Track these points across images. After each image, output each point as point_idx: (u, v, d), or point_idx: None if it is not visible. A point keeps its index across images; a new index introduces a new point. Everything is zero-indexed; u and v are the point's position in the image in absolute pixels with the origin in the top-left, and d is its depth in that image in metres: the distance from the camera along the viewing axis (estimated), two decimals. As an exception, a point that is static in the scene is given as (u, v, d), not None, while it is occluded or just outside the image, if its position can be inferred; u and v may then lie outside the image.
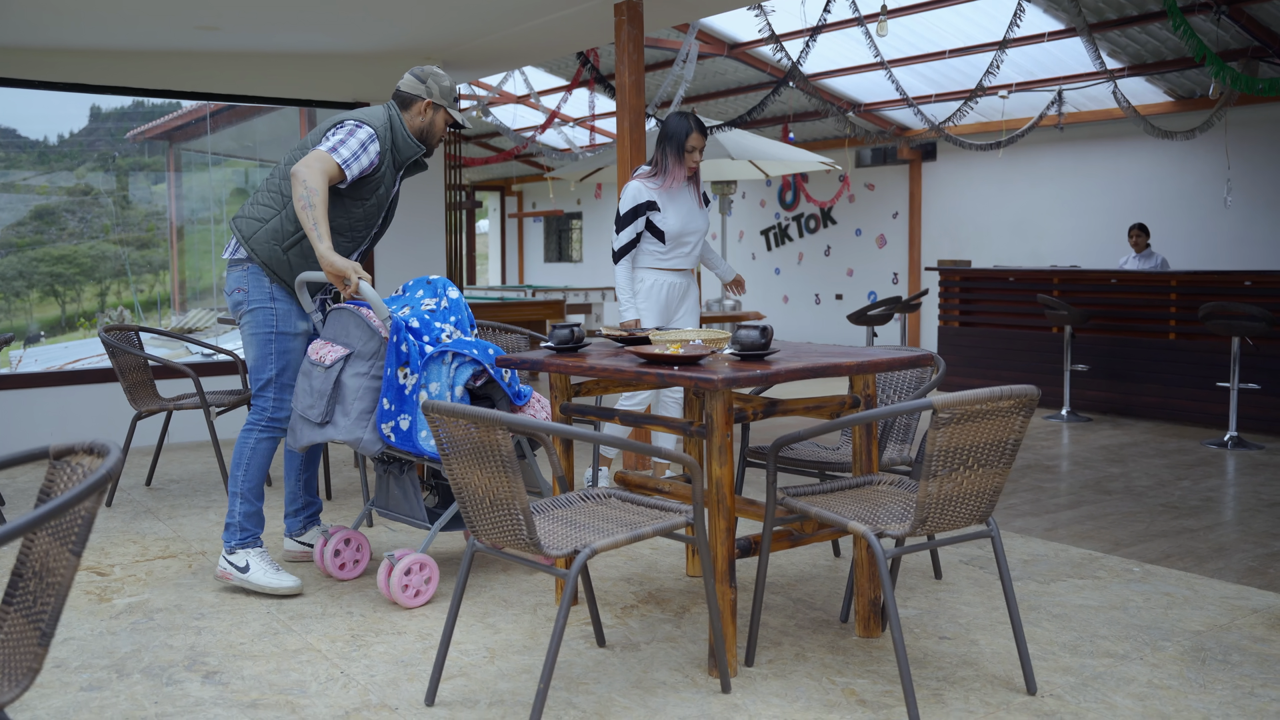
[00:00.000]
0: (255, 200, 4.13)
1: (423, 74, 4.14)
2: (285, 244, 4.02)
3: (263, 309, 4.06)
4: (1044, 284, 9.03)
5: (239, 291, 4.08)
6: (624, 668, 3.23)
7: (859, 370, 3.27)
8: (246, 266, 4.06)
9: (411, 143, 4.11)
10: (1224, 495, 5.66)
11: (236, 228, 4.09)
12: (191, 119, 9.13)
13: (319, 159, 3.83)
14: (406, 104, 4.13)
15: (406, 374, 3.78)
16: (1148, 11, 9.16)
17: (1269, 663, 3.26)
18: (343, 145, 3.90)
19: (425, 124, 4.15)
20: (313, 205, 3.78)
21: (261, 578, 3.94)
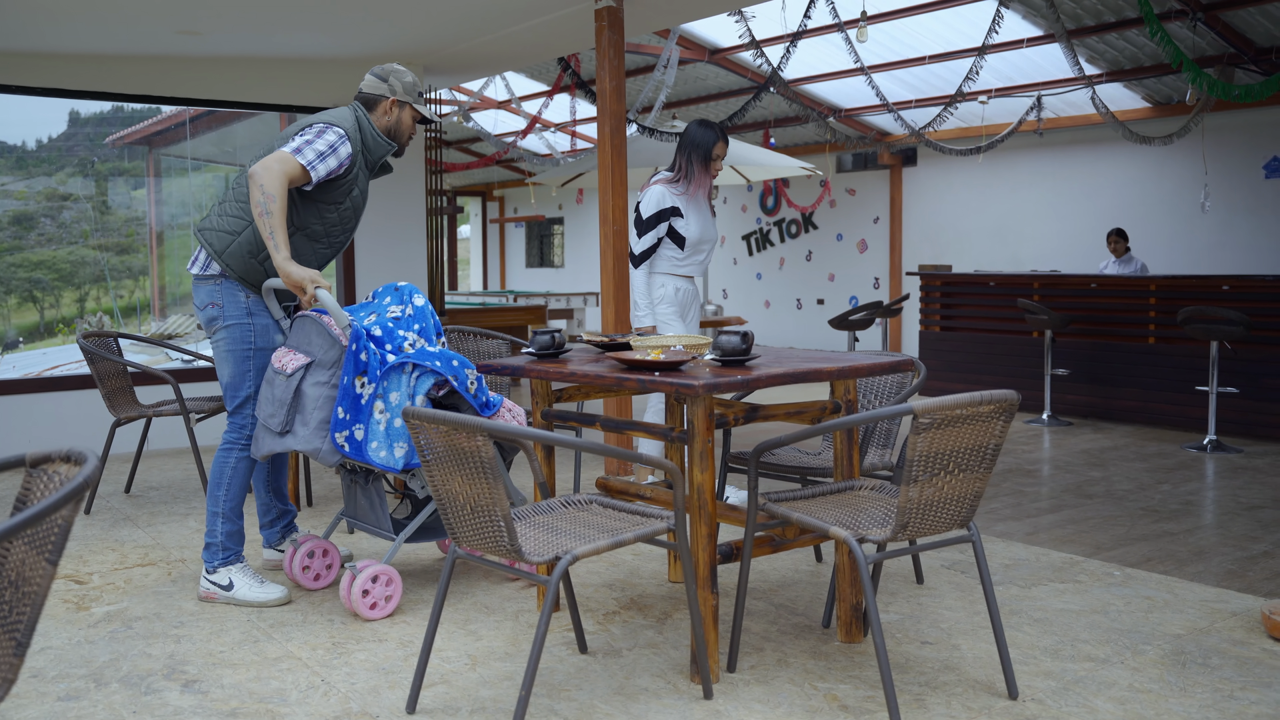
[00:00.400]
0: (223, 211, 4.01)
1: (383, 72, 4.08)
2: (260, 256, 3.94)
3: (239, 325, 3.97)
4: (1024, 289, 9.07)
5: (212, 307, 3.98)
6: (606, 674, 3.22)
7: (840, 375, 3.27)
8: (219, 281, 3.96)
9: (382, 141, 4.05)
10: (1203, 499, 5.70)
11: (206, 240, 3.97)
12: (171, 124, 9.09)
13: (279, 160, 3.74)
14: (371, 104, 4.07)
15: (364, 383, 3.71)
16: (1125, 18, 9.22)
17: (1248, 665, 3.28)
18: (308, 146, 3.82)
19: (392, 122, 4.09)
20: (269, 213, 3.70)
21: (248, 593, 3.90)
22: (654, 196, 4.98)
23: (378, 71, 4.09)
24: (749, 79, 11.90)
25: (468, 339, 5.66)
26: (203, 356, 6.07)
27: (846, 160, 14.14)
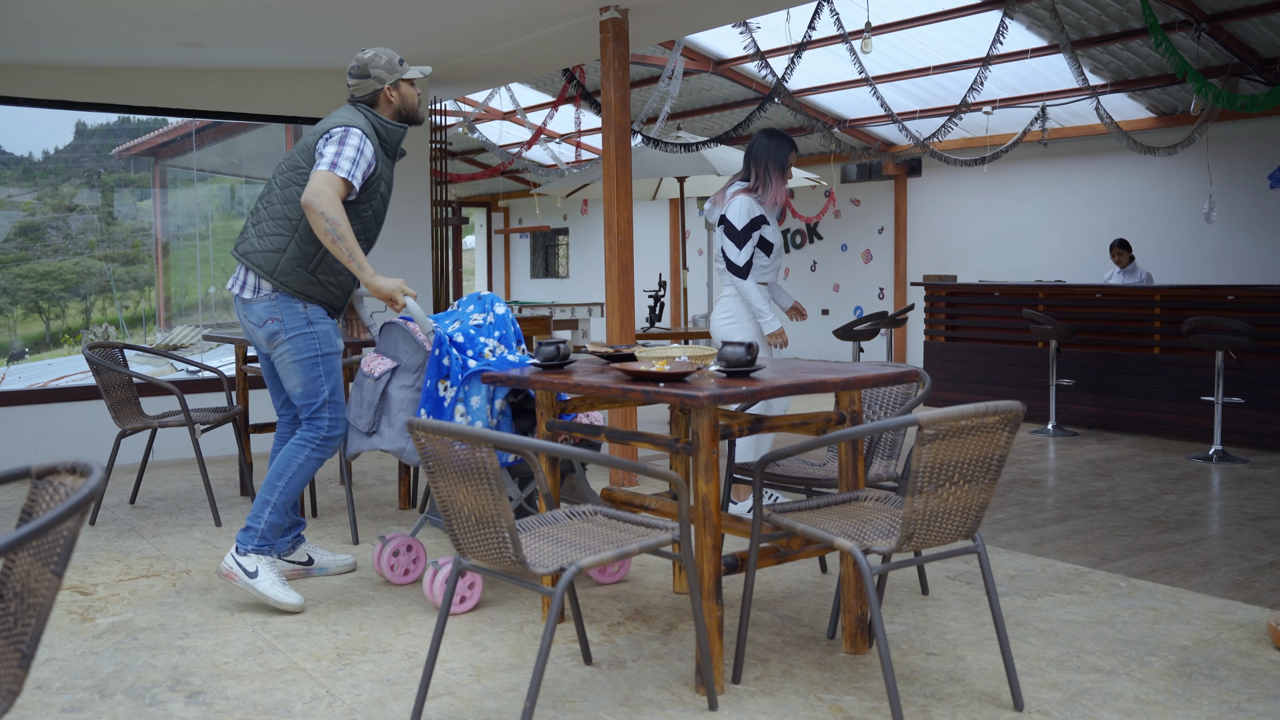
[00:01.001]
0: (260, 231, 4.03)
1: (360, 68, 4.06)
2: (311, 266, 3.99)
3: (302, 335, 4.01)
4: (1029, 299, 9.07)
5: (272, 322, 4.01)
6: (611, 685, 3.22)
7: (845, 387, 3.27)
8: (273, 296, 4.00)
9: (395, 127, 4.08)
10: (1209, 509, 5.68)
11: (252, 263, 4.00)
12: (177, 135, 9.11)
13: (327, 182, 3.78)
14: (372, 102, 4.09)
15: (446, 386, 3.87)
16: (1129, 28, 9.23)
17: (1254, 677, 3.27)
18: (340, 157, 3.84)
19: (399, 105, 4.11)
20: (341, 237, 3.77)
21: (268, 588, 3.93)
22: (743, 206, 4.92)
23: (355, 72, 4.07)
24: (754, 90, 11.92)
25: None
26: (208, 368, 6.09)
27: (851, 171, 14.15)
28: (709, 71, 11.40)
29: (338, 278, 4.07)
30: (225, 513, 5.57)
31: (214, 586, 4.27)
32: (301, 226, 3.97)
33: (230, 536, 5.08)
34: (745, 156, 5.10)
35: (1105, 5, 8.94)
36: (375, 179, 4.02)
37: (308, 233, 3.96)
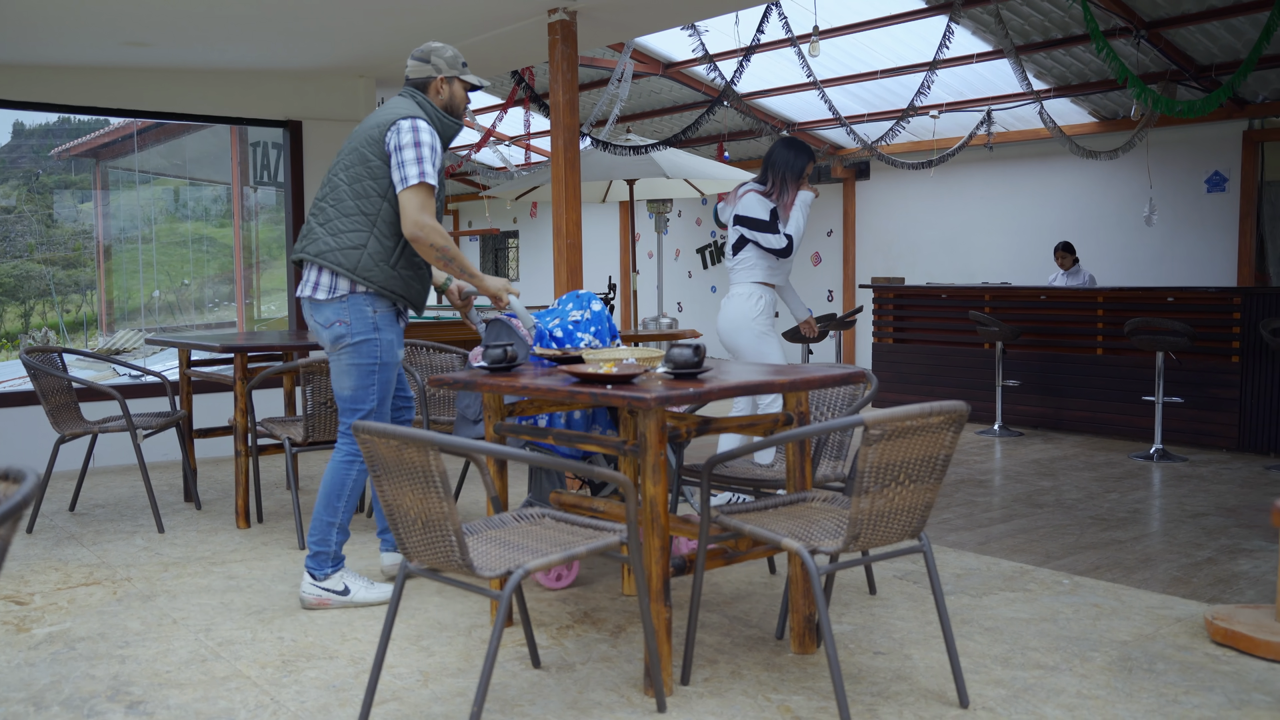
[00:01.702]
0: (332, 229, 3.98)
1: (423, 54, 4.09)
2: (392, 261, 3.98)
3: (368, 341, 3.99)
4: (976, 301, 9.17)
5: (340, 324, 3.98)
6: (559, 689, 3.21)
7: (791, 388, 3.29)
8: (346, 299, 3.97)
9: (448, 120, 4.10)
10: (1150, 507, 5.78)
11: (330, 262, 3.94)
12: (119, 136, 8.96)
13: (419, 204, 3.84)
14: (423, 87, 4.09)
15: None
16: (1072, 34, 9.38)
17: (1192, 670, 3.33)
18: (421, 160, 3.87)
19: (446, 99, 4.11)
20: (451, 258, 3.90)
21: (365, 594, 4.02)
22: (758, 201, 4.91)
23: (418, 54, 4.09)
24: (703, 93, 11.96)
25: (420, 353, 5.63)
26: (151, 372, 5.99)
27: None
28: (658, 74, 11.42)
29: (417, 271, 4.08)
30: (168, 519, 5.49)
31: (156, 594, 4.21)
32: (380, 220, 3.95)
33: (173, 542, 5.00)
34: (764, 163, 5.09)
35: (1048, 11, 9.08)
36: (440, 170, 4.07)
37: (386, 227, 3.96)
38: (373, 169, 3.96)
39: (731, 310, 5.06)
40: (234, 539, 5.09)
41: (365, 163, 3.97)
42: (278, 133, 8.15)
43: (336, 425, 5.03)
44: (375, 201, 3.95)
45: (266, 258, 8.93)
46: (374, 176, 3.95)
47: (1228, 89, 7.97)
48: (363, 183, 3.97)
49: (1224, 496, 6.01)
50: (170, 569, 4.57)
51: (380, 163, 3.95)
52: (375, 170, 3.95)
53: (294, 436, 5.04)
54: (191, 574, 4.49)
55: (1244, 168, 10.38)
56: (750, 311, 5.05)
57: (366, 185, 3.97)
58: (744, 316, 5.03)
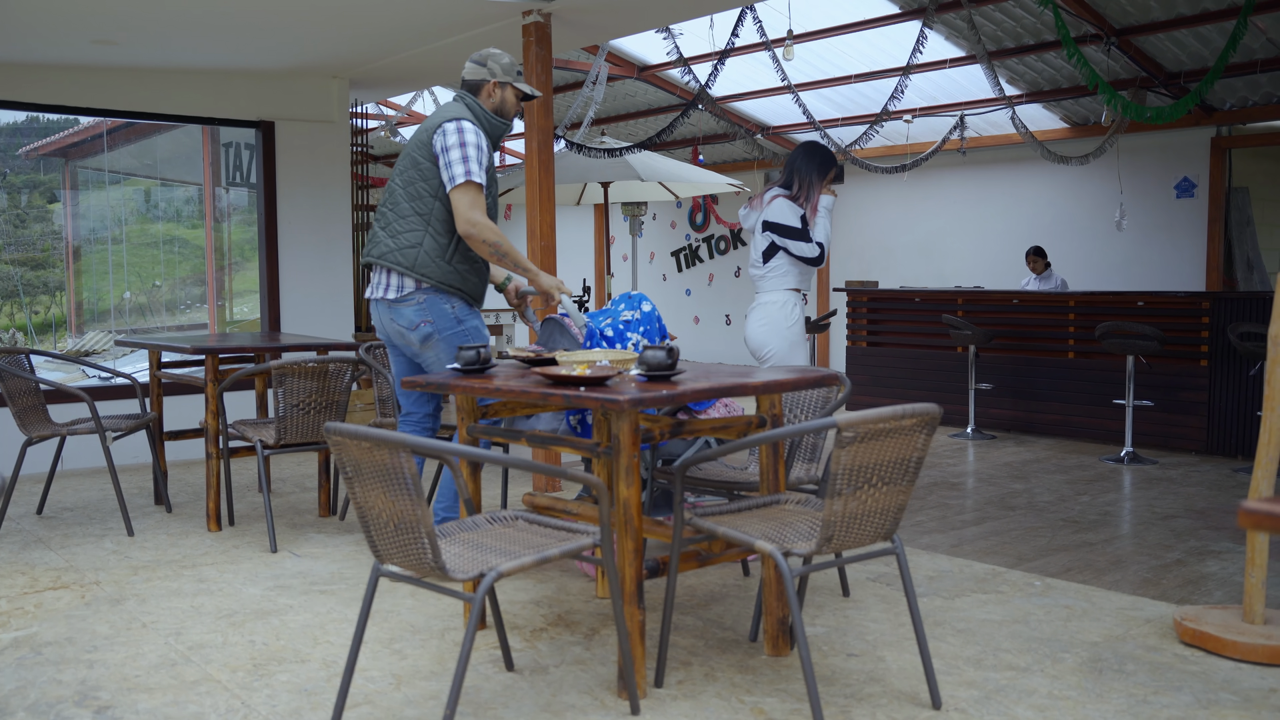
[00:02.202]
0: (392, 232, 4.23)
1: (481, 57, 4.31)
2: (447, 256, 4.21)
3: (454, 334, 4.25)
4: (949, 304, 9.22)
5: (425, 324, 4.24)
6: (533, 691, 3.20)
7: (765, 390, 3.29)
8: (421, 299, 4.22)
9: (496, 121, 4.32)
10: (1121, 509, 5.83)
11: (392, 263, 4.20)
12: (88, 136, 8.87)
13: (469, 202, 4.07)
14: (475, 89, 4.32)
15: None
16: (1043, 40, 9.44)
17: (1161, 670, 3.36)
18: (467, 160, 4.08)
19: (497, 103, 4.34)
20: (505, 253, 4.14)
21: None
22: (787, 207, 4.83)
23: (476, 58, 4.32)
24: (677, 96, 11.97)
25: (394, 355, 5.60)
26: (121, 374, 5.93)
27: (775, 177, 14.26)
28: (633, 77, 11.42)
29: (473, 265, 4.29)
30: (138, 522, 5.44)
31: (125, 597, 4.16)
32: (433, 219, 4.20)
33: (143, 545, 4.95)
34: (787, 167, 5.01)
35: (1020, 18, 9.14)
36: (490, 168, 4.26)
37: (440, 225, 4.20)
38: (423, 171, 4.20)
39: (764, 319, 4.92)
40: (205, 542, 5.04)
41: (416, 166, 4.21)
42: (250, 133, 8.09)
43: (308, 427, 5.01)
44: (428, 201, 4.20)
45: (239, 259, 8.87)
46: (425, 178, 4.20)
47: (1196, 96, 8.05)
48: (415, 185, 4.22)
49: (1193, 499, 6.07)
50: (140, 572, 4.52)
51: (429, 164, 4.18)
52: (425, 172, 4.19)
53: (266, 439, 5.01)
54: (161, 577, 4.45)
55: (1212, 174, 10.49)
56: (785, 320, 4.93)
57: (419, 187, 4.21)
58: (778, 325, 4.91)
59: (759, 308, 4.94)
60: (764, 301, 4.92)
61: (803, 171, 4.95)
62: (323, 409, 5.03)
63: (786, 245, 4.78)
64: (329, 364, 4.97)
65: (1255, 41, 8.75)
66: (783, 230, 4.76)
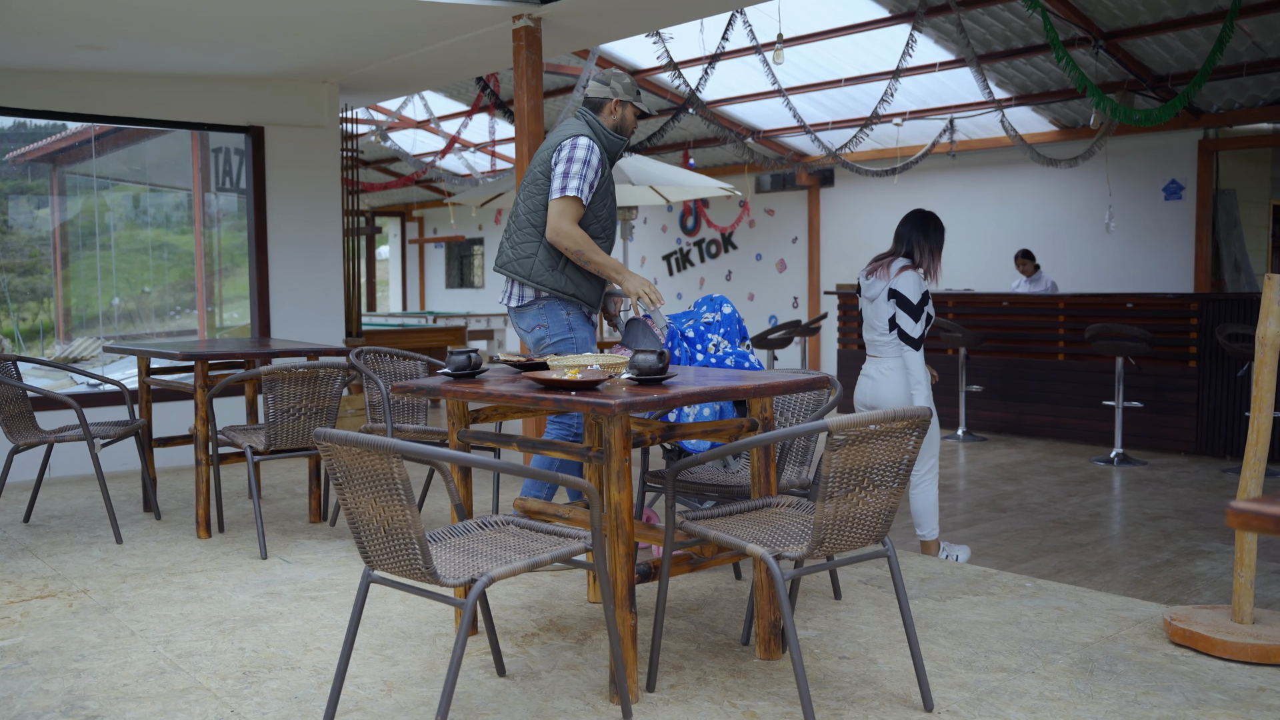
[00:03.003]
0: (513, 243, 4.52)
1: (604, 77, 4.56)
2: (560, 265, 4.45)
3: (565, 340, 4.49)
4: (939, 307, 9.24)
5: (540, 329, 4.50)
6: (524, 697, 3.19)
7: (756, 393, 3.29)
8: (541, 305, 4.49)
9: (615, 138, 4.53)
10: (1111, 510, 5.84)
11: (514, 271, 4.49)
12: (76, 141, 8.84)
13: (561, 216, 4.31)
14: (598, 107, 4.54)
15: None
16: (1032, 44, 9.48)
17: (1151, 671, 3.36)
18: (570, 176, 4.31)
19: (618, 120, 4.55)
20: (588, 260, 4.36)
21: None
22: (915, 281, 4.83)
23: (599, 77, 4.57)
24: (668, 100, 11.98)
25: (384, 360, 5.59)
26: (109, 380, 5.91)
27: (765, 181, 14.30)
28: (623, 82, 11.42)
29: (583, 274, 4.50)
30: (127, 529, 5.41)
31: (114, 606, 4.14)
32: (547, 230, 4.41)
33: (132, 553, 4.93)
34: (900, 235, 4.98)
35: (1009, 21, 9.17)
36: (604, 182, 4.48)
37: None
38: (540, 185, 4.46)
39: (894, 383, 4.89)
40: (194, 549, 5.02)
41: (535, 181, 4.47)
42: (240, 138, 8.08)
43: (299, 433, 4.99)
44: (542, 214, 4.45)
45: (229, 265, 8.84)
46: (541, 192, 4.46)
47: (1183, 98, 8.08)
48: (533, 199, 4.47)
49: (1182, 499, 6.09)
50: (128, 580, 4.50)
51: (546, 179, 4.44)
52: (542, 186, 4.46)
53: (256, 445, 4.99)
54: (150, 585, 4.43)
55: (1200, 176, 10.53)
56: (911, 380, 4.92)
57: (536, 200, 4.46)
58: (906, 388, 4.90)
59: (886, 374, 4.89)
60: (889, 368, 4.89)
61: (922, 243, 4.94)
62: (313, 415, 5.01)
63: (901, 320, 4.80)
64: (319, 369, 4.96)
65: (1241, 44, 8.79)
66: (900, 300, 4.80)
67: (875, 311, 4.88)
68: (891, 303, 4.81)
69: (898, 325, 4.78)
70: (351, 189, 9.11)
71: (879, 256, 4.96)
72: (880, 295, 4.84)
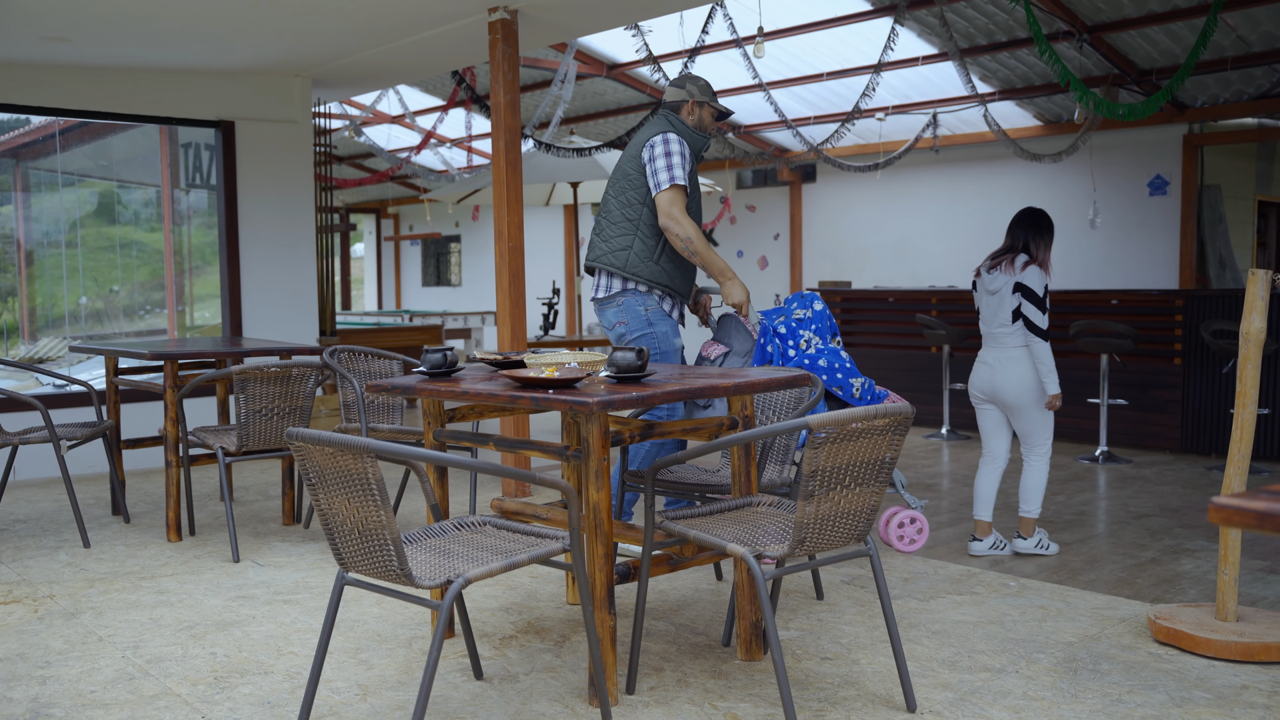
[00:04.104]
0: (605, 236, 4.70)
1: (680, 80, 4.81)
2: (655, 257, 4.63)
3: (645, 335, 4.64)
4: (922, 304, 9.20)
5: (620, 325, 4.68)
6: (502, 700, 3.12)
7: (736, 391, 3.23)
8: (620, 301, 4.65)
9: (697, 136, 4.73)
10: (1096, 509, 5.81)
11: (608, 263, 4.66)
12: (40, 136, 8.69)
13: (671, 203, 4.50)
14: (676, 109, 4.78)
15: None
16: (1016, 38, 9.44)
17: (1135, 669, 3.32)
18: (666, 168, 4.51)
19: (697, 120, 4.78)
20: (696, 252, 4.54)
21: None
22: (1039, 276, 5.05)
23: (675, 81, 4.82)
24: (648, 94, 11.91)
25: (359, 359, 5.51)
26: (76, 381, 5.79)
27: (746, 177, 14.24)
28: (602, 75, 11.35)
29: (678, 265, 4.69)
30: (95, 533, 5.31)
31: (81, 611, 4.05)
32: (642, 224, 4.63)
33: (100, 557, 4.83)
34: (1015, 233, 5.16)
35: (993, 14, 9.13)
36: (691, 177, 4.64)
37: (648, 228, 4.63)
38: (633, 181, 4.65)
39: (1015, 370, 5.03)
40: (164, 552, 4.93)
41: (627, 177, 4.67)
42: (210, 133, 7.96)
43: (271, 434, 4.91)
44: (637, 208, 4.64)
45: (200, 263, 8.72)
46: (634, 187, 4.65)
47: (1166, 92, 8.06)
48: (626, 194, 4.67)
49: (1167, 497, 6.06)
50: (96, 585, 4.41)
51: (638, 175, 4.64)
52: (635, 182, 4.65)
53: (227, 446, 4.90)
54: (119, 590, 4.33)
55: (1184, 171, 10.53)
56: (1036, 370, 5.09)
57: (629, 195, 4.66)
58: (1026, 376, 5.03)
59: (1014, 361, 5.04)
60: (1010, 357, 5.05)
61: (1038, 240, 5.19)
62: (286, 415, 4.92)
63: (1029, 311, 5.01)
64: (292, 369, 4.87)
65: (1226, 38, 8.78)
66: (1027, 293, 5.01)
67: (999, 304, 5.09)
68: (1016, 296, 5.01)
69: (1023, 316, 4.99)
70: (325, 185, 9.00)
71: (997, 253, 5.16)
72: (1004, 289, 5.06)
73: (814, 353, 4.48)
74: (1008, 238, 5.15)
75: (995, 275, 5.13)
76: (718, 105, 4.83)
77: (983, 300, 5.17)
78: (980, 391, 5.11)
